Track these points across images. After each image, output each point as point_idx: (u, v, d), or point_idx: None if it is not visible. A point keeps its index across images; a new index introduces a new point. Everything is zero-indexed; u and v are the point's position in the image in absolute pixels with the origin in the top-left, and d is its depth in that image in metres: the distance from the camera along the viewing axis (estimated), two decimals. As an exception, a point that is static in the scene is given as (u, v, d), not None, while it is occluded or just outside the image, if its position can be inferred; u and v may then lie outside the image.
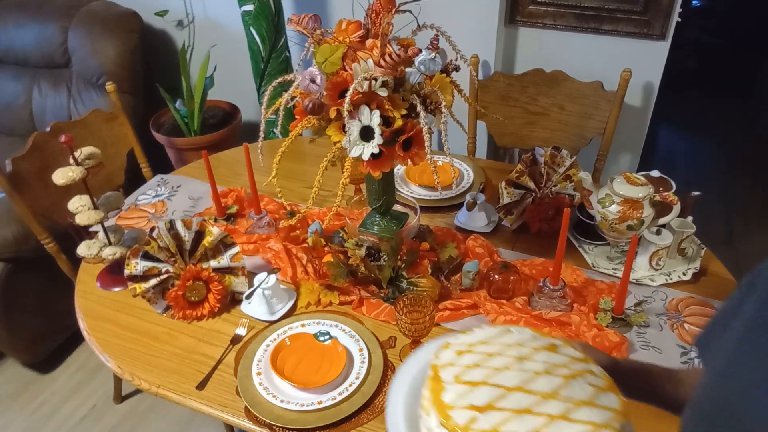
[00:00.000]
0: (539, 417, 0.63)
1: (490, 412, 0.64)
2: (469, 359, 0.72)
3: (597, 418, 0.64)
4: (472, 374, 0.69)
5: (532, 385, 0.67)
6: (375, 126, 1.05)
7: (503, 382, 0.68)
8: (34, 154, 1.62)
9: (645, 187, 1.29)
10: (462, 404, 0.65)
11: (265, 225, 1.48)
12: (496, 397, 0.66)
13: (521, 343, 0.74)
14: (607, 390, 0.69)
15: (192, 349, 1.20)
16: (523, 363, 0.71)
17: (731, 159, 3.35)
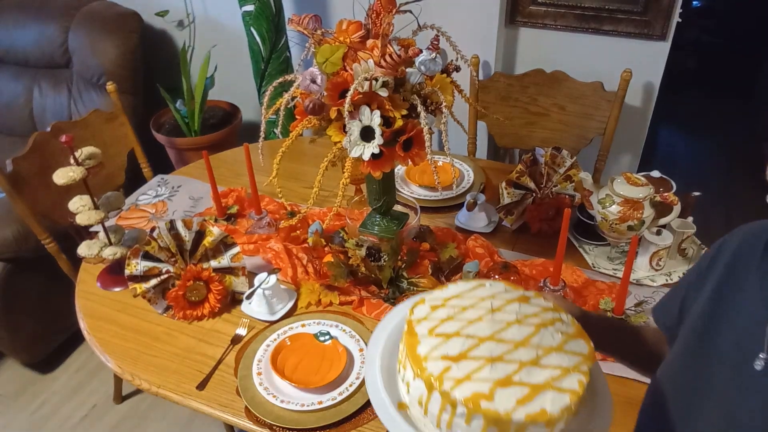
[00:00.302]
0: (511, 364, 0.66)
1: (464, 361, 0.66)
2: (443, 313, 0.74)
3: (566, 363, 0.67)
4: (446, 327, 0.71)
5: (503, 334, 0.70)
6: (375, 126, 1.05)
7: (476, 332, 0.70)
8: (34, 154, 1.63)
9: (645, 187, 1.29)
10: (436, 355, 0.67)
11: (266, 225, 1.48)
12: (469, 347, 0.68)
13: (494, 296, 0.77)
14: (576, 336, 0.72)
15: (192, 349, 1.20)
16: (495, 314, 0.73)
17: (731, 159, 3.35)
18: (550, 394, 0.64)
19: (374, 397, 0.72)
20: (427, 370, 0.66)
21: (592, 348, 0.71)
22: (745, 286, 0.63)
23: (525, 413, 0.62)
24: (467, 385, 0.64)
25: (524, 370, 0.65)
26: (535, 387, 0.64)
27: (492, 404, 0.62)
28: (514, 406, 0.62)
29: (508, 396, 0.63)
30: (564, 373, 0.66)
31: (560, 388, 0.65)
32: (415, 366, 0.67)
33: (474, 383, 0.64)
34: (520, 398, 0.63)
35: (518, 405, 0.62)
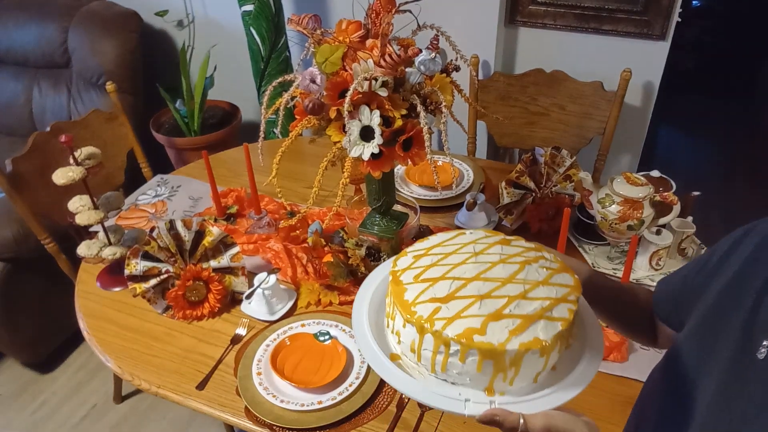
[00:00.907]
0: (500, 299, 0.67)
1: (452, 301, 0.67)
2: (426, 261, 0.75)
3: (554, 294, 0.69)
4: (431, 272, 0.72)
5: (489, 273, 0.71)
6: (375, 126, 1.05)
7: (462, 274, 0.71)
8: (34, 154, 1.63)
9: (645, 187, 1.29)
10: (424, 299, 0.68)
11: (265, 225, 1.48)
12: (456, 288, 0.69)
13: (475, 241, 0.78)
14: (561, 271, 0.73)
15: (192, 349, 1.20)
16: (479, 257, 0.74)
17: (731, 159, 3.35)
18: (542, 323, 0.65)
19: (366, 351, 0.72)
20: (417, 314, 0.66)
21: (578, 280, 0.73)
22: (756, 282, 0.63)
23: (519, 342, 0.63)
24: (459, 323, 0.65)
25: (514, 303, 0.67)
26: (526, 317, 0.65)
27: (485, 338, 0.63)
28: (507, 337, 0.63)
29: (501, 328, 0.64)
30: (553, 303, 0.68)
31: (551, 317, 0.66)
32: (405, 312, 0.68)
33: (465, 320, 0.65)
34: (512, 329, 0.64)
35: (511, 336, 0.63)
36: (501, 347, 0.63)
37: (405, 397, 0.75)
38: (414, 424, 1.03)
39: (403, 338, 0.70)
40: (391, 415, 1.04)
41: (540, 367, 0.67)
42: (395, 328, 0.71)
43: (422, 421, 1.03)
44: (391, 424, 1.02)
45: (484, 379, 0.66)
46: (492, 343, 0.63)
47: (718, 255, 0.71)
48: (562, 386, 0.67)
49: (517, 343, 0.63)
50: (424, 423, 1.03)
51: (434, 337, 0.65)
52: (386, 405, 1.06)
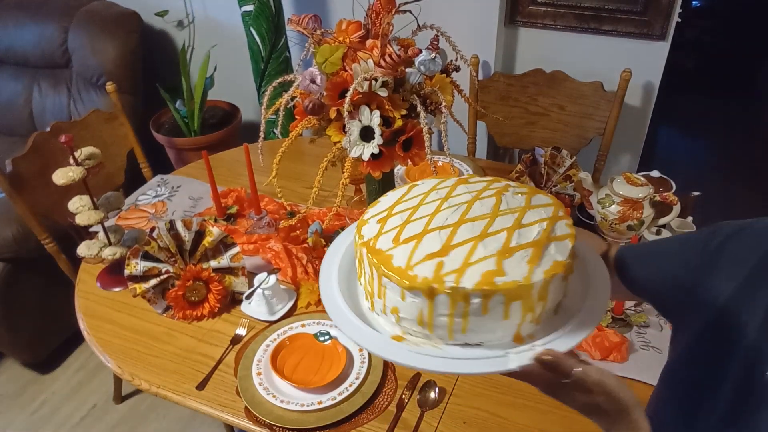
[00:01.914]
0: (499, 234, 0.62)
1: (452, 251, 0.60)
2: (396, 220, 0.67)
3: (545, 214, 0.65)
4: (410, 230, 0.64)
5: (471, 213, 0.65)
6: (375, 126, 1.05)
7: (444, 222, 0.64)
8: (34, 154, 1.63)
9: (645, 187, 1.29)
10: (419, 258, 0.60)
11: (265, 225, 1.48)
12: (448, 237, 0.62)
13: (434, 188, 0.72)
14: (534, 192, 0.70)
15: (192, 349, 1.20)
16: (449, 200, 0.68)
17: (731, 159, 3.35)
18: (553, 246, 0.61)
19: (368, 342, 0.62)
20: (420, 277, 0.58)
21: (554, 197, 0.69)
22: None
23: (542, 271, 0.57)
24: (472, 271, 0.57)
25: (515, 234, 0.61)
26: (536, 244, 0.60)
27: (507, 277, 0.57)
28: (529, 269, 0.58)
29: (518, 262, 0.58)
30: (551, 223, 0.63)
31: (557, 236, 0.62)
32: (403, 279, 0.59)
33: (477, 266, 0.58)
34: (529, 259, 0.58)
35: (532, 266, 0.58)
36: (527, 282, 0.56)
37: (422, 373, 0.69)
38: (414, 424, 1.03)
39: (404, 313, 0.61)
40: (391, 415, 1.04)
41: (561, 294, 0.61)
42: (388, 306, 0.63)
43: (422, 421, 1.03)
44: (391, 424, 1.03)
45: (512, 325, 0.59)
46: (517, 280, 0.56)
47: (706, 250, 0.68)
48: (585, 310, 0.62)
49: (541, 273, 0.57)
50: (424, 423, 1.03)
51: (450, 295, 0.56)
52: (386, 405, 1.06)
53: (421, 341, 0.62)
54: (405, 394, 1.08)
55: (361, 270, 0.66)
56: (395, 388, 1.09)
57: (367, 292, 0.66)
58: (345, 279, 0.71)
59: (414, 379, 1.11)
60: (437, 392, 1.07)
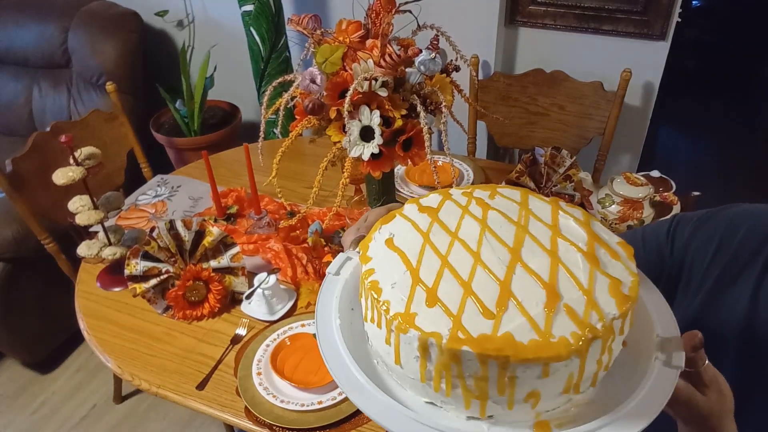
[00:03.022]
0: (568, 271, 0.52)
1: (505, 304, 0.51)
2: (431, 271, 0.56)
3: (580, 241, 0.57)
4: (447, 290, 0.54)
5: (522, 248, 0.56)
6: (375, 126, 1.05)
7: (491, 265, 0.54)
8: (34, 154, 1.63)
9: (645, 187, 1.29)
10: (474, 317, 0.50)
11: (265, 225, 1.48)
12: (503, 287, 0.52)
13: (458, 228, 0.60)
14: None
15: (192, 349, 1.20)
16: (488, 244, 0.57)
17: (731, 159, 3.35)
18: (616, 266, 0.53)
19: None
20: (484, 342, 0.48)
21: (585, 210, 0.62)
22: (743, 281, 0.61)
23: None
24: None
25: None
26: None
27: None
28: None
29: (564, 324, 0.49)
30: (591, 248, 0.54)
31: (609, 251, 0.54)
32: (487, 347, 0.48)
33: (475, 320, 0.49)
34: None
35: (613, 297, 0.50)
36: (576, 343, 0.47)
37: None
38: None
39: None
40: None
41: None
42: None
43: (422, 421, 1.03)
44: (391, 424, 1.02)
45: None
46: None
47: (675, 247, 0.67)
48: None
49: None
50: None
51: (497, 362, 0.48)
52: (386, 405, 1.06)
53: (560, 418, 0.52)
54: (405, 394, 1.08)
55: (440, 375, 0.52)
56: (395, 388, 1.09)
57: (470, 396, 0.52)
58: (354, 347, 0.59)
59: (414, 379, 1.11)
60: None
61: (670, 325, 0.55)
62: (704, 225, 0.66)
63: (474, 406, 0.51)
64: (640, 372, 0.51)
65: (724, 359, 0.61)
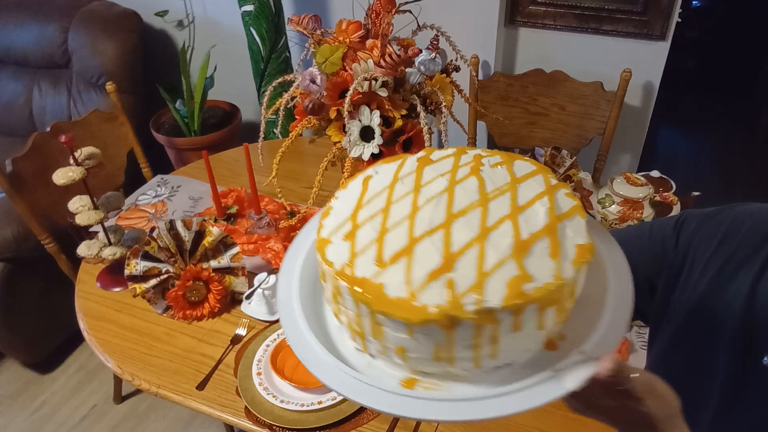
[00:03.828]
0: (502, 226, 0.52)
1: (457, 263, 0.49)
2: (369, 233, 0.54)
3: (537, 186, 0.56)
4: (392, 243, 0.52)
5: (458, 205, 0.55)
6: (375, 126, 1.05)
7: (432, 223, 0.53)
8: (34, 154, 1.62)
9: (645, 187, 1.29)
10: (420, 280, 0.49)
11: (265, 225, 1.48)
12: (445, 244, 0.51)
13: (397, 178, 0.60)
14: (511, 159, 0.60)
15: (192, 349, 1.20)
16: (423, 192, 0.57)
17: (731, 159, 3.35)
18: (567, 227, 0.52)
19: (367, 398, 0.50)
20: (430, 306, 0.47)
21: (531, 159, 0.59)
22: (743, 274, 0.61)
23: (570, 263, 0.49)
24: (492, 283, 0.47)
25: (520, 222, 0.52)
26: (549, 230, 0.51)
27: (537, 282, 0.47)
28: (555, 265, 0.49)
29: (541, 259, 0.49)
30: (550, 196, 0.54)
31: (564, 213, 0.53)
32: (408, 314, 0.47)
33: (496, 275, 0.48)
34: (551, 252, 0.50)
35: (557, 260, 0.49)
36: (560, 281, 0.47)
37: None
38: (414, 424, 1.03)
39: (414, 352, 0.50)
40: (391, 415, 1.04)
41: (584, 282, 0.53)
42: (389, 347, 0.51)
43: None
44: (391, 424, 1.02)
45: (543, 333, 0.50)
46: (548, 282, 0.47)
47: (678, 243, 0.67)
48: (613, 297, 0.53)
49: (570, 267, 0.49)
50: (424, 423, 1.03)
51: (475, 320, 0.47)
52: (386, 405, 1.06)
53: (437, 382, 0.51)
54: (405, 394, 1.08)
55: (339, 307, 0.53)
56: (395, 388, 1.09)
57: (354, 331, 0.54)
58: (312, 314, 0.58)
59: (414, 379, 1.11)
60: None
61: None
62: (710, 220, 0.67)
63: (359, 343, 0.54)
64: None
65: (719, 352, 0.61)
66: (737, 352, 0.60)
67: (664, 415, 0.52)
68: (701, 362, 0.63)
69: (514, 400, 0.47)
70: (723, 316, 0.61)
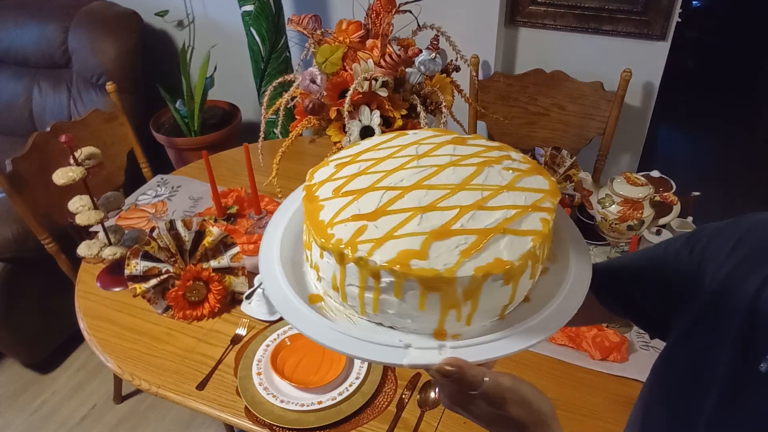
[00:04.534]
0: (448, 211, 0.52)
1: (383, 217, 0.52)
2: (352, 169, 0.59)
3: (522, 201, 0.54)
4: (357, 183, 0.56)
5: (435, 179, 0.56)
6: (375, 126, 1.05)
7: (398, 183, 0.56)
8: (34, 154, 1.63)
9: (645, 187, 1.29)
10: (345, 217, 0.53)
11: (265, 225, 1.48)
12: (388, 201, 0.54)
13: (418, 141, 0.62)
14: (532, 173, 0.58)
15: (192, 349, 1.20)
16: (422, 159, 0.59)
17: (731, 159, 3.35)
18: (506, 240, 0.50)
19: (274, 294, 0.56)
20: (335, 237, 0.51)
21: (555, 183, 0.57)
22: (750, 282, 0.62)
23: (474, 266, 0.48)
24: (390, 245, 0.49)
25: (467, 216, 0.52)
26: (482, 233, 0.50)
27: (427, 263, 0.48)
28: (457, 260, 0.48)
29: (448, 249, 0.49)
30: (521, 213, 0.52)
31: (518, 230, 0.51)
32: (319, 236, 0.52)
33: (399, 241, 0.50)
34: (464, 249, 0.49)
35: (463, 258, 0.48)
36: (449, 274, 0.47)
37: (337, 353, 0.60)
38: (414, 424, 1.03)
39: (323, 272, 0.54)
40: (391, 415, 1.04)
41: (506, 298, 0.51)
42: (313, 261, 0.56)
43: (422, 421, 1.03)
44: (391, 424, 1.03)
45: (431, 319, 0.50)
46: (437, 269, 0.47)
47: (692, 254, 0.67)
48: (535, 322, 0.51)
49: (471, 268, 0.48)
50: (424, 423, 1.03)
51: (358, 266, 0.49)
52: (386, 405, 1.06)
53: (336, 307, 0.56)
54: (405, 394, 1.08)
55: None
56: (395, 388, 1.09)
57: (304, 240, 0.59)
58: (298, 222, 0.62)
59: (414, 379, 1.11)
60: (437, 392, 1.07)
61: None
62: (725, 229, 0.67)
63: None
64: None
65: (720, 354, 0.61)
66: (737, 357, 0.60)
67: (530, 422, 0.52)
68: (702, 364, 0.63)
69: (359, 345, 0.51)
70: (728, 320, 0.61)
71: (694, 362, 0.65)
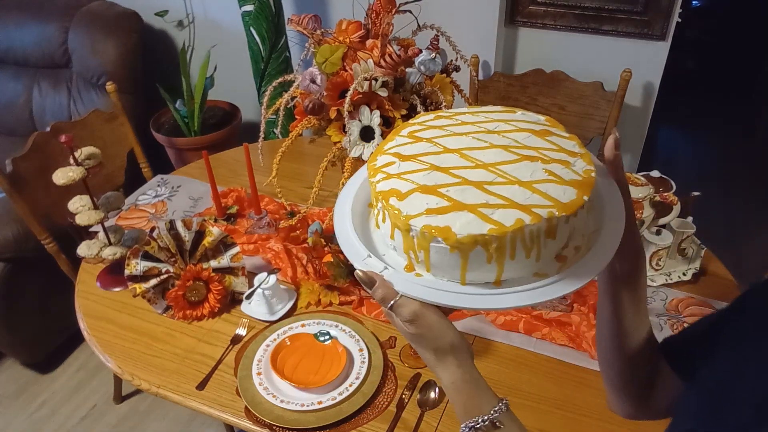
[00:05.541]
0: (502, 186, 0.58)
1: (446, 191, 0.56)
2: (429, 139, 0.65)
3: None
4: (434, 159, 0.62)
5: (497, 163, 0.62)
6: (375, 126, 1.05)
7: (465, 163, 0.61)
8: (34, 154, 1.63)
9: (645, 187, 1.29)
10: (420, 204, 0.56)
11: (265, 225, 1.48)
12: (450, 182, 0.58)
13: (506, 121, 0.70)
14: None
15: (192, 349, 1.20)
16: (492, 137, 0.66)
17: (731, 159, 3.35)
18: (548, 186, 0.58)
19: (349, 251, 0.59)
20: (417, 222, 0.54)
21: None
22: None
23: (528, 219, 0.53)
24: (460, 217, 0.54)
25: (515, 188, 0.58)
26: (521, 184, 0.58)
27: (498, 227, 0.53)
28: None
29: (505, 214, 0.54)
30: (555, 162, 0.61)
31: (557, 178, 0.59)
32: (399, 222, 0.55)
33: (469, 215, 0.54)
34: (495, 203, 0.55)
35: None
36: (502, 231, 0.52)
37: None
38: (414, 424, 1.03)
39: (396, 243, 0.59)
40: (391, 415, 1.04)
41: (558, 247, 0.57)
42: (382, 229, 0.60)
43: (422, 421, 1.03)
44: (391, 424, 1.03)
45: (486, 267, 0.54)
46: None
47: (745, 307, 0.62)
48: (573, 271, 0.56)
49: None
50: (424, 423, 1.03)
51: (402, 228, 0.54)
52: (386, 405, 1.06)
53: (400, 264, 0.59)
54: (405, 394, 1.08)
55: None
56: (395, 388, 1.09)
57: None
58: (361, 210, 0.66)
59: (414, 379, 1.11)
60: (437, 392, 1.07)
61: None
62: None
63: None
64: None
65: None
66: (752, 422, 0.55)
67: (432, 347, 0.56)
68: (720, 415, 0.59)
69: None
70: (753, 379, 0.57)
71: (709, 415, 0.59)
